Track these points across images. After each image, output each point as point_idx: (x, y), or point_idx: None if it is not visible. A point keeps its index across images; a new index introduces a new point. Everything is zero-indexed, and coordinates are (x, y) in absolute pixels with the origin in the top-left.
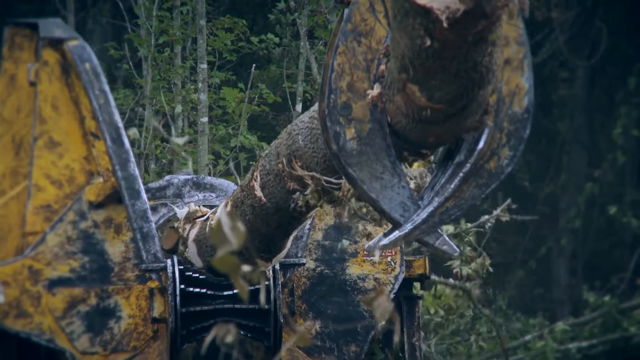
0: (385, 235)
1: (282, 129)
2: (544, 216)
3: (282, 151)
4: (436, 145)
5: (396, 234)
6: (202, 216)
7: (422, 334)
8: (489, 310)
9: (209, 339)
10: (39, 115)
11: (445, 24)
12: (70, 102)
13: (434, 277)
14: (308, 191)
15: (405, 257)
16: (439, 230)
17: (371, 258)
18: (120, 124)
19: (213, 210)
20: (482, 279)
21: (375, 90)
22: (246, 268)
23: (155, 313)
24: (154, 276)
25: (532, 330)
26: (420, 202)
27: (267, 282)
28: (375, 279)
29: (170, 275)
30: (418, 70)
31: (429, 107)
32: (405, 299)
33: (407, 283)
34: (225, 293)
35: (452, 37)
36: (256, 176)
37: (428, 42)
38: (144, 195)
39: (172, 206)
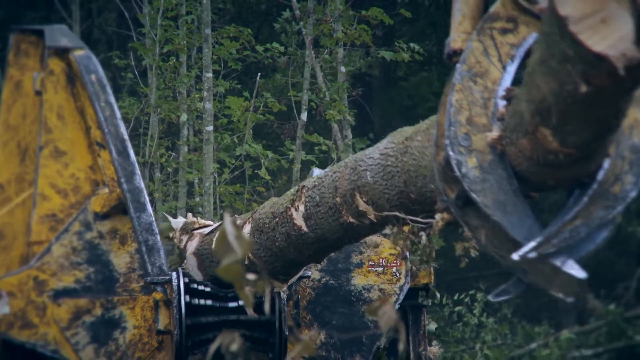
0: (517, 247)
1: (287, 137)
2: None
3: (343, 185)
4: (552, 189)
5: (530, 245)
6: (200, 227)
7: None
8: (494, 318)
9: (213, 347)
10: (44, 124)
11: (622, 72)
12: (76, 112)
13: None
14: (394, 235)
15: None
16: (566, 254)
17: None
18: (126, 136)
19: (217, 225)
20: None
21: (495, 132)
22: (251, 277)
23: (160, 325)
24: (159, 289)
25: (537, 338)
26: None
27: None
28: (381, 290)
29: (175, 287)
30: (557, 115)
31: (560, 152)
32: (410, 308)
33: (412, 292)
34: (230, 305)
35: (611, 84)
36: (297, 206)
37: (583, 89)
38: (149, 208)
39: (166, 215)
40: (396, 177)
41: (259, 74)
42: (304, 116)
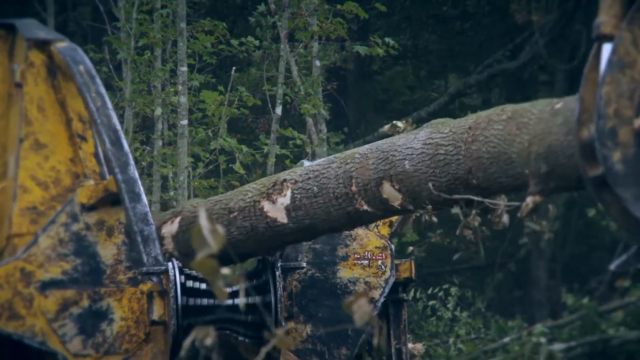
0: None
1: (261, 131)
2: (523, 219)
3: (364, 175)
4: None
5: None
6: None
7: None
8: (468, 312)
9: (188, 341)
10: (25, 116)
11: None
12: (56, 104)
13: None
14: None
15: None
16: None
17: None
18: (119, 127)
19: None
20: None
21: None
22: (225, 271)
23: (155, 316)
24: (154, 279)
25: (510, 332)
26: None
27: (267, 279)
28: (366, 283)
29: (172, 277)
30: None
31: None
32: (391, 302)
33: (393, 286)
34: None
35: None
36: (275, 199)
37: None
38: (144, 198)
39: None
40: (453, 164)
41: (234, 68)
42: (279, 110)
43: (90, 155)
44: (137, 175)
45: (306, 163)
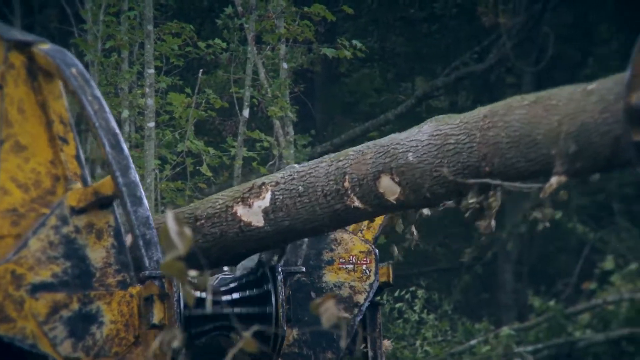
0: None
1: (228, 134)
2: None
3: (361, 169)
4: None
5: None
6: None
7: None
8: (435, 315)
9: (154, 344)
10: (5, 118)
11: None
12: (37, 106)
13: None
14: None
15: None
16: None
17: None
18: (118, 130)
19: None
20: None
21: None
22: (193, 273)
23: (155, 320)
24: (156, 282)
25: (477, 334)
26: None
27: (269, 288)
28: (351, 287)
29: (174, 281)
30: None
31: None
32: (367, 306)
33: None
34: (224, 298)
35: None
36: (251, 203)
37: None
38: (146, 202)
39: None
40: (464, 153)
41: (201, 70)
42: (246, 113)
43: (71, 158)
44: (138, 178)
45: (297, 167)
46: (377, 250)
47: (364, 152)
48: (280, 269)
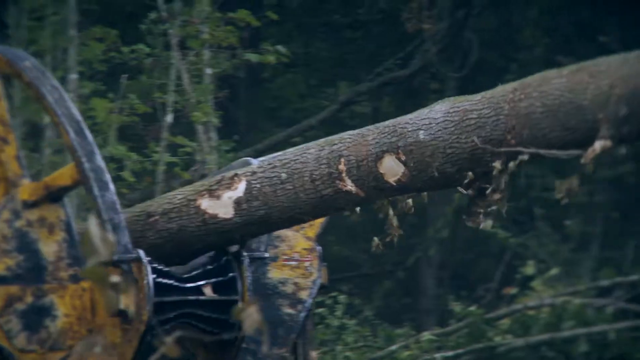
0: None
1: (151, 139)
2: (412, 226)
3: (362, 151)
4: None
5: None
6: None
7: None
8: (356, 320)
9: (76, 351)
10: None
11: None
12: None
13: None
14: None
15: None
16: None
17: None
18: (80, 117)
19: None
20: None
21: None
22: (115, 279)
23: (122, 305)
24: (125, 267)
25: (398, 340)
26: None
27: (234, 274)
28: (295, 283)
29: (145, 265)
30: None
31: None
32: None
33: None
34: (188, 285)
35: None
36: (219, 195)
37: None
38: (112, 187)
39: None
40: (488, 127)
41: (125, 75)
42: (169, 118)
43: (12, 159)
44: (103, 163)
45: (254, 161)
46: (319, 248)
47: (364, 134)
48: (244, 255)
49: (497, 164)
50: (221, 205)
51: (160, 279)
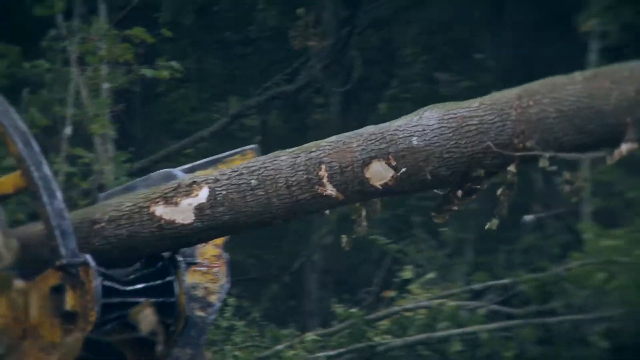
0: None
1: (51, 151)
2: (296, 233)
3: (346, 157)
4: None
5: None
6: None
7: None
8: (245, 321)
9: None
10: None
11: None
12: None
13: None
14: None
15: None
16: None
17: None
18: (26, 128)
19: None
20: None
21: None
22: (19, 284)
23: (68, 306)
24: (72, 271)
25: (283, 340)
26: None
27: (172, 278)
28: (205, 288)
29: (92, 268)
30: None
31: None
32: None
33: None
34: (128, 288)
35: None
36: (177, 201)
37: None
38: (59, 195)
39: None
40: (491, 132)
41: (26, 90)
42: (69, 130)
43: None
44: (50, 173)
45: (179, 174)
46: (227, 254)
47: (346, 142)
48: (180, 260)
49: (512, 167)
50: (179, 212)
51: (105, 282)
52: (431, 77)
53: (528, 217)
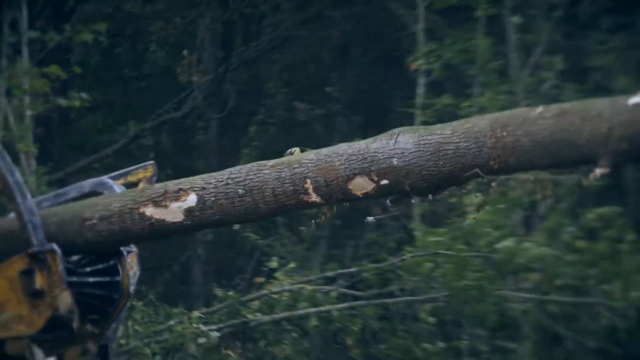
0: None
1: None
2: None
3: (331, 174)
4: None
5: None
6: None
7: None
8: (143, 302)
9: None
10: None
11: None
12: None
13: None
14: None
15: None
16: None
17: None
18: None
19: None
20: None
21: None
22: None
23: (37, 285)
24: (41, 257)
25: (174, 317)
26: None
27: (115, 262)
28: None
29: (59, 254)
30: None
31: None
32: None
33: None
34: (84, 270)
35: None
36: (166, 204)
37: None
38: (30, 195)
39: None
40: (468, 156)
41: None
42: None
43: None
44: (21, 179)
45: (109, 182)
46: (136, 248)
47: (327, 160)
48: (122, 249)
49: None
50: (169, 213)
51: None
52: (291, 106)
53: (370, 218)
